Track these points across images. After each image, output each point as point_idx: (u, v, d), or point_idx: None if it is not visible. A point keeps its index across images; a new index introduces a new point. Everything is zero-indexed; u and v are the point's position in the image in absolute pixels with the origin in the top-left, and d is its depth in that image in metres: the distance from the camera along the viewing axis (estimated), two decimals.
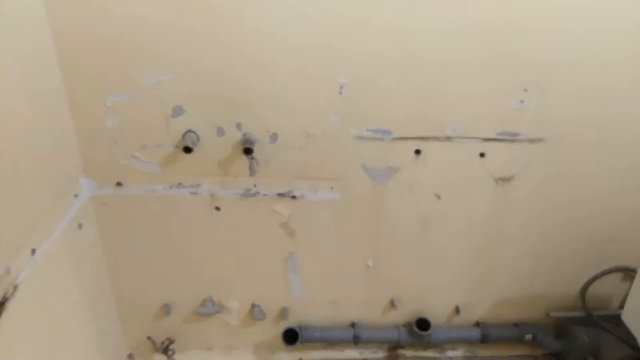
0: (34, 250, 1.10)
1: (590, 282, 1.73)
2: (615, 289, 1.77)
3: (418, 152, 1.44)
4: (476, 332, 1.78)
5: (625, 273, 1.73)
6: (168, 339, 1.70)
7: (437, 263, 1.67)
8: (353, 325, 1.76)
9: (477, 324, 1.81)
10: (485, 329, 1.78)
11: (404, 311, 1.76)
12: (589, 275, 1.73)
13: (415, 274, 1.69)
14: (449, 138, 1.42)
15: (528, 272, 1.72)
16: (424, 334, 1.72)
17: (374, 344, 1.82)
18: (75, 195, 1.33)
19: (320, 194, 1.48)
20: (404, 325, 1.78)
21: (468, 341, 1.83)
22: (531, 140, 1.44)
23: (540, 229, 1.62)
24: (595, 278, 1.72)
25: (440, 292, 1.74)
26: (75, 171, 1.33)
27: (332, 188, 1.47)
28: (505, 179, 1.51)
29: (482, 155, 1.45)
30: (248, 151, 1.30)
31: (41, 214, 1.14)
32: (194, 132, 1.32)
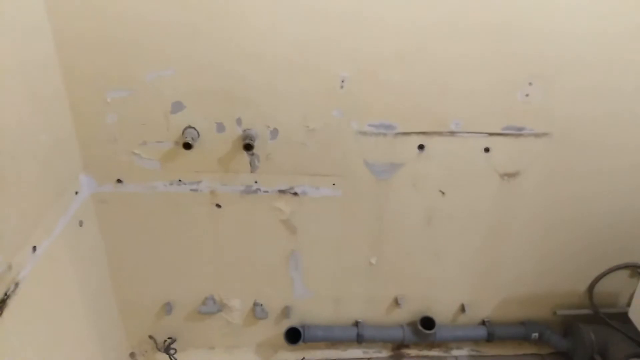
0: (34, 248, 1.09)
1: (597, 280, 1.71)
2: (622, 286, 1.74)
3: (421, 148, 1.42)
4: (482, 331, 1.76)
5: (632, 270, 1.70)
6: (170, 337, 1.69)
7: (442, 260, 1.65)
8: (356, 324, 1.74)
9: (483, 323, 1.79)
10: (491, 328, 1.75)
11: (408, 310, 1.74)
12: (596, 273, 1.70)
13: (420, 272, 1.67)
14: (452, 133, 1.40)
15: (534, 270, 1.69)
16: (428, 332, 1.70)
17: (377, 343, 1.80)
18: (76, 193, 1.32)
19: (322, 191, 1.46)
20: (409, 324, 1.76)
21: (474, 340, 1.81)
22: (537, 135, 1.42)
23: (546, 226, 1.60)
24: (603, 275, 1.70)
25: (445, 290, 1.72)
26: (76, 168, 1.33)
27: (334, 184, 1.45)
28: (510, 175, 1.49)
29: (487, 150, 1.43)
30: (248, 147, 1.29)
31: (42, 211, 1.14)
32: (194, 128, 1.31)
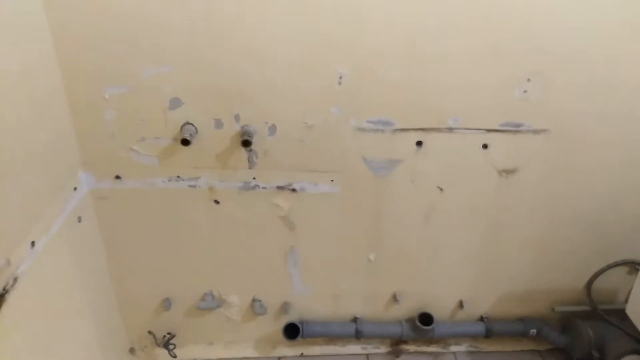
0: (33, 243, 1.09)
1: (595, 276, 1.71)
2: (621, 283, 1.74)
3: (420, 144, 1.42)
4: (480, 327, 1.76)
5: (631, 267, 1.70)
6: (169, 333, 1.70)
7: (440, 257, 1.65)
8: (355, 320, 1.74)
9: (481, 319, 1.79)
10: (489, 324, 1.76)
11: (406, 306, 1.75)
12: (594, 269, 1.70)
13: (418, 268, 1.67)
14: (451, 129, 1.40)
15: (533, 266, 1.70)
16: (427, 328, 1.70)
17: (376, 339, 1.81)
18: (75, 189, 1.32)
19: (320, 187, 1.46)
20: (407, 320, 1.76)
21: (472, 336, 1.82)
22: (535, 131, 1.42)
23: (545, 222, 1.60)
24: (601, 272, 1.70)
25: (443, 287, 1.72)
26: (74, 164, 1.33)
27: (333, 181, 1.45)
28: (508, 171, 1.49)
29: (485, 146, 1.43)
30: (246, 143, 1.29)
31: (40, 207, 1.14)
32: (192, 124, 1.31)
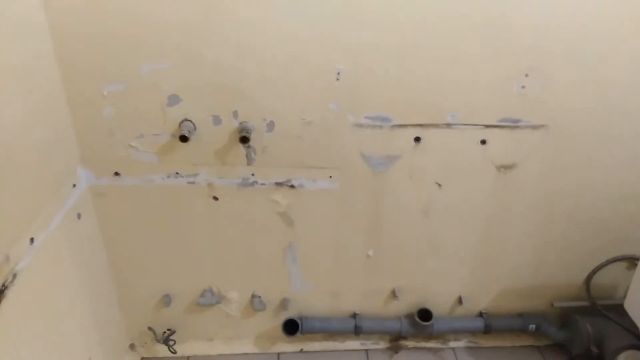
0: (32, 239, 1.10)
1: (594, 272, 1.71)
2: (620, 278, 1.74)
3: (418, 140, 1.42)
4: (479, 323, 1.76)
5: (630, 262, 1.70)
6: (169, 329, 1.71)
7: (439, 252, 1.65)
8: (354, 315, 1.75)
9: (480, 315, 1.79)
10: (488, 320, 1.76)
11: (405, 301, 1.75)
12: (593, 265, 1.71)
13: (417, 264, 1.67)
14: (449, 125, 1.40)
15: (531, 262, 1.70)
16: (426, 324, 1.71)
17: (375, 335, 1.81)
18: (74, 186, 1.33)
19: (319, 183, 1.46)
20: (406, 316, 1.77)
21: (471, 332, 1.82)
22: (533, 126, 1.42)
23: (543, 218, 1.60)
24: (600, 267, 1.70)
25: (442, 282, 1.73)
26: (73, 161, 1.33)
27: (331, 177, 1.46)
28: (507, 167, 1.49)
29: (484, 142, 1.43)
30: (244, 140, 1.29)
31: (39, 204, 1.14)
32: (191, 121, 1.31)
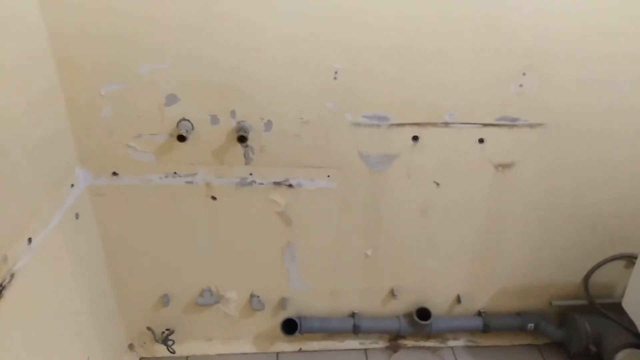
0: (30, 240, 1.10)
1: (593, 270, 1.71)
2: (618, 277, 1.74)
3: (416, 139, 1.42)
4: (478, 322, 1.76)
5: (628, 260, 1.70)
6: (168, 329, 1.70)
7: (438, 251, 1.65)
8: (353, 315, 1.75)
9: (479, 313, 1.79)
10: (487, 318, 1.76)
11: (404, 301, 1.75)
12: (591, 263, 1.71)
13: (415, 263, 1.67)
14: (447, 124, 1.40)
15: (530, 260, 1.70)
16: (424, 323, 1.71)
17: (374, 334, 1.81)
18: (72, 186, 1.32)
19: (317, 183, 1.46)
20: (405, 315, 1.77)
21: (470, 331, 1.82)
22: (531, 125, 1.42)
23: (541, 216, 1.60)
24: (598, 266, 1.70)
25: (441, 281, 1.73)
26: (71, 161, 1.33)
27: (329, 176, 1.46)
28: (505, 165, 1.49)
29: (481, 141, 1.43)
30: (242, 139, 1.29)
31: (37, 204, 1.14)
32: (188, 121, 1.31)
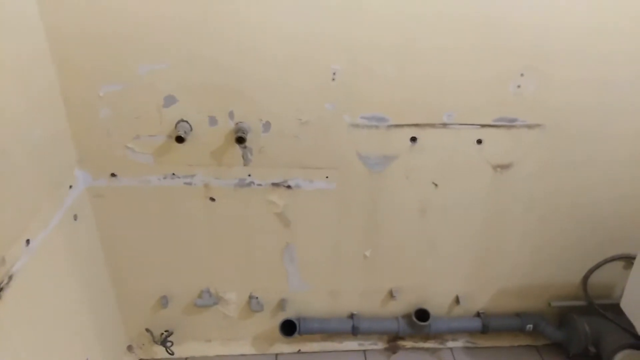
0: (28, 241, 1.10)
1: (591, 271, 1.71)
2: (617, 278, 1.74)
3: (414, 140, 1.42)
4: (477, 323, 1.76)
5: (626, 261, 1.70)
6: (167, 330, 1.70)
7: (436, 252, 1.65)
8: (352, 316, 1.75)
9: (478, 314, 1.79)
10: (486, 319, 1.76)
11: (403, 302, 1.75)
12: (590, 264, 1.71)
13: (414, 264, 1.67)
14: (445, 125, 1.40)
15: (529, 261, 1.70)
16: (423, 324, 1.70)
17: (373, 335, 1.81)
18: (70, 187, 1.33)
19: (315, 184, 1.47)
20: (404, 316, 1.77)
21: (469, 331, 1.82)
22: (529, 126, 1.42)
23: (540, 217, 1.60)
24: (597, 267, 1.70)
25: (439, 282, 1.73)
26: (70, 163, 1.33)
27: (328, 177, 1.46)
28: (503, 166, 1.49)
29: (480, 142, 1.43)
30: (240, 140, 1.29)
31: (36, 205, 1.14)
32: (187, 122, 1.31)
